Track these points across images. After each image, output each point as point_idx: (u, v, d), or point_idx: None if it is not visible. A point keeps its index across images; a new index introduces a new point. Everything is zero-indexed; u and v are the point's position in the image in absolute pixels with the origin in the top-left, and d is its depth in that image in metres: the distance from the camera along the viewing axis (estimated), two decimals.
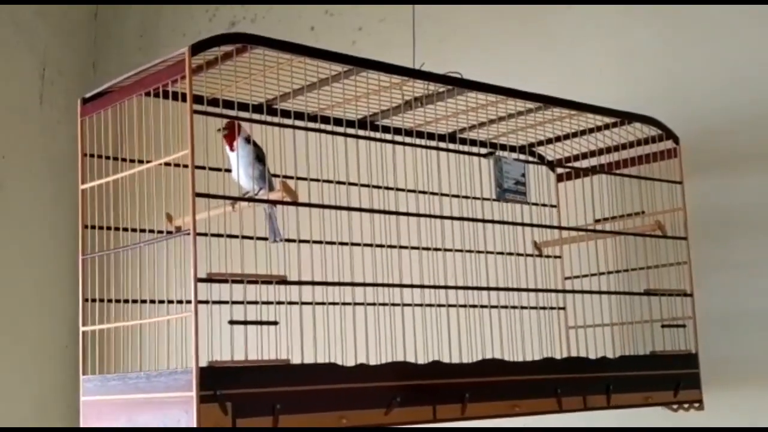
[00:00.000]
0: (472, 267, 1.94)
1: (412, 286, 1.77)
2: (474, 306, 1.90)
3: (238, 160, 1.71)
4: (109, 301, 1.68)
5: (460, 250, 1.98)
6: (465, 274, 1.93)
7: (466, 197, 1.97)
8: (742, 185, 2.25)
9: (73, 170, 1.71)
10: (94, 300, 1.66)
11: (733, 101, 2.28)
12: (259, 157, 1.72)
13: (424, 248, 1.85)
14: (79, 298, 1.65)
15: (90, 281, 1.66)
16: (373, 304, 1.73)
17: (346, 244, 1.70)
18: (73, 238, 1.67)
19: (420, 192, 1.84)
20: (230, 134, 1.73)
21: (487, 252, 1.99)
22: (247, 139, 1.71)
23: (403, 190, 1.86)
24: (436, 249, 1.95)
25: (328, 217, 1.69)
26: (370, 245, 1.79)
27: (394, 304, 1.75)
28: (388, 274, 1.74)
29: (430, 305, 1.86)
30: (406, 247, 1.79)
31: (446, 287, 1.83)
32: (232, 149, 1.72)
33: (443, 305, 1.85)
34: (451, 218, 1.85)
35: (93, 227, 1.68)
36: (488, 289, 1.91)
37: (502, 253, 2.03)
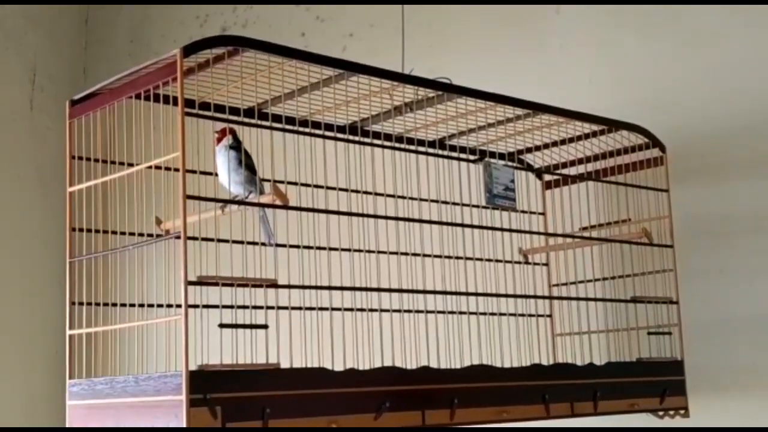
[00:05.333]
0: (459, 273, 1.95)
1: (400, 291, 1.77)
2: (463, 312, 1.91)
3: (219, 165, 1.72)
4: (97, 304, 1.67)
5: (449, 257, 1.99)
6: (451, 281, 1.94)
7: (455, 204, 1.98)
8: (729, 194, 2.27)
9: (63, 175, 1.71)
10: (81, 303, 1.65)
11: (720, 110, 2.30)
12: (246, 162, 1.72)
13: (413, 254, 1.86)
14: (66, 301, 1.64)
15: (78, 284, 1.65)
16: (363, 309, 1.73)
17: (336, 249, 1.70)
18: (62, 241, 1.66)
19: (409, 198, 1.84)
20: (219, 138, 1.74)
21: (475, 259, 2.00)
22: (233, 147, 1.71)
23: (393, 196, 1.86)
24: (426, 255, 1.95)
25: (318, 221, 1.69)
26: (360, 251, 1.79)
27: (383, 310, 1.75)
28: (378, 279, 1.74)
29: (419, 311, 1.87)
30: (395, 253, 1.79)
31: (433, 292, 1.83)
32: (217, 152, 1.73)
33: (431, 311, 1.85)
34: (439, 223, 1.86)
35: (81, 230, 1.67)
36: (475, 294, 1.91)
37: (490, 260, 2.04)
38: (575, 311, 2.22)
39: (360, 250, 1.79)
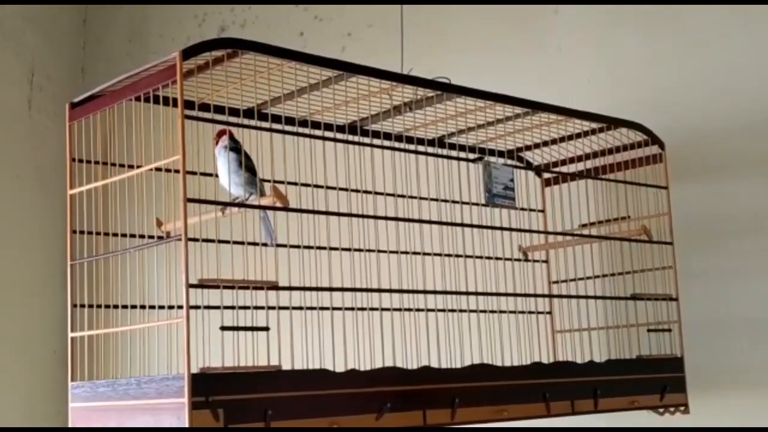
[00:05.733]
0: (459, 272, 1.95)
1: (401, 291, 1.78)
2: (463, 311, 1.91)
3: (219, 167, 1.72)
4: (98, 306, 1.67)
5: (449, 255, 1.99)
6: (451, 279, 1.94)
7: (455, 202, 1.98)
8: (728, 191, 2.27)
9: (62, 176, 1.71)
10: (83, 306, 1.65)
11: (719, 108, 2.30)
12: (246, 164, 1.72)
13: (414, 253, 1.86)
14: (68, 303, 1.65)
15: (79, 287, 1.65)
16: (363, 309, 1.73)
17: (336, 248, 1.71)
18: (62, 243, 1.66)
19: (409, 197, 1.85)
20: (217, 141, 1.74)
21: (475, 257, 2.00)
22: (233, 148, 1.71)
23: (392, 195, 1.86)
24: (426, 254, 1.95)
25: (318, 221, 1.69)
26: (360, 250, 1.80)
27: (384, 309, 1.76)
28: (379, 280, 1.74)
29: (420, 310, 1.87)
30: (396, 252, 1.80)
31: (434, 292, 1.84)
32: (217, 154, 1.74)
33: (432, 310, 1.86)
34: (439, 223, 1.86)
35: (82, 232, 1.68)
36: (476, 294, 1.92)
37: (489, 258, 2.05)
38: (575, 308, 2.22)
39: (360, 249, 1.79)
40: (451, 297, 1.88)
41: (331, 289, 1.65)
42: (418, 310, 1.88)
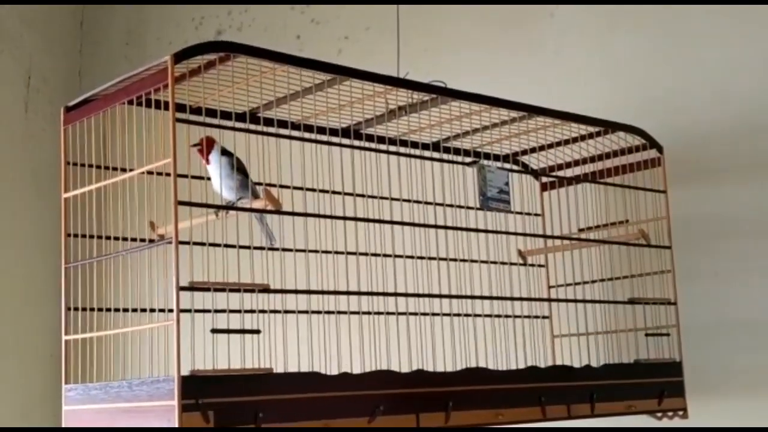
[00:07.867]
0: (457, 276, 1.94)
1: (396, 294, 1.77)
2: (458, 315, 1.91)
3: (217, 171, 1.72)
4: (92, 309, 1.67)
5: (445, 259, 1.98)
6: (450, 283, 1.93)
7: (451, 206, 1.97)
8: (726, 194, 2.26)
9: (57, 178, 1.71)
10: (76, 309, 1.65)
11: (717, 111, 2.29)
12: (239, 167, 1.72)
13: (408, 257, 1.85)
14: (62, 307, 1.65)
15: (73, 290, 1.65)
16: (357, 312, 1.73)
17: (329, 252, 1.70)
18: (56, 246, 1.66)
19: (404, 201, 1.84)
20: (203, 149, 1.74)
21: (472, 261, 2.00)
22: (224, 152, 1.71)
23: (387, 198, 1.86)
24: (420, 257, 1.95)
25: (312, 225, 1.69)
26: (354, 254, 1.79)
27: (377, 313, 1.75)
28: (373, 283, 1.74)
29: (415, 314, 1.86)
30: (390, 256, 1.79)
31: (431, 296, 1.83)
32: (207, 163, 1.73)
33: (427, 314, 1.85)
34: (436, 227, 1.85)
35: (76, 236, 1.68)
36: (473, 297, 1.91)
37: (486, 262, 2.04)
38: (573, 313, 2.21)
39: (353, 254, 1.79)
40: (449, 301, 1.87)
41: (322, 293, 1.64)
42: (412, 314, 1.88)
